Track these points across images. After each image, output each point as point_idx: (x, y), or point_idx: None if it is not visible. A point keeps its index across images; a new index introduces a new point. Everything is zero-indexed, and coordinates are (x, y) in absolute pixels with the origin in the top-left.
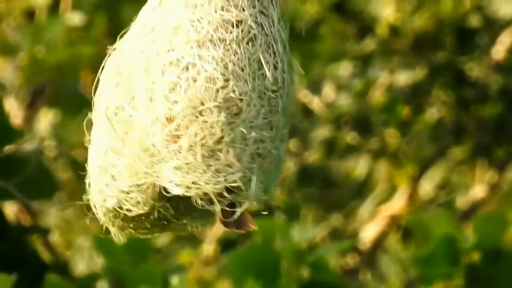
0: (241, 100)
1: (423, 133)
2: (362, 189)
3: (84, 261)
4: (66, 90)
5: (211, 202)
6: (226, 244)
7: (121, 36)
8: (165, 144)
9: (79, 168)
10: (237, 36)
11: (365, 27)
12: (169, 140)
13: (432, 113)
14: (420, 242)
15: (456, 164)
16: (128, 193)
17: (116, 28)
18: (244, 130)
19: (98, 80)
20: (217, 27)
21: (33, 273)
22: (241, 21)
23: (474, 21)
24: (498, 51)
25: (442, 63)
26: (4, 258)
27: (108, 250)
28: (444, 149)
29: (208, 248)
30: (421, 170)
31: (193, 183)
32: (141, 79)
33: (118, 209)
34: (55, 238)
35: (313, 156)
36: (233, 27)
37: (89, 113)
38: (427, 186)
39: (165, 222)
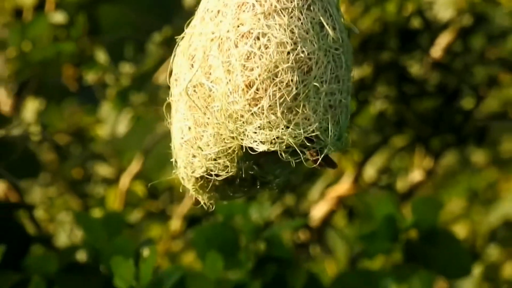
0: (309, 59)
1: (368, 124)
2: (313, 173)
3: (66, 234)
4: (50, 81)
5: (293, 154)
6: (191, 221)
7: (187, 26)
8: (247, 108)
9: (61, 151)
10: (297, 4)
11: None
12: (251, 104)
13: (376, 106)
14: (364, 220)
15: (396, 151)
16: (215, 160)
17: (94, 26)
18: (316, 85)
19: (172, 69)
20: None
21: (19, 245)
22: None
23: (416, 23)
24: (436, 51)
25: (386, 61)
26: None
27: (87, 225)
28: (386, 138)
29: (176, 224)
30: (366, 156)
31: (276, 138)
32: (216, 56)
33: (207, 177)
34: (39, 213)
35: None
36: None
37: (167, 98)
38: (371, 171)
39: (245, 188)
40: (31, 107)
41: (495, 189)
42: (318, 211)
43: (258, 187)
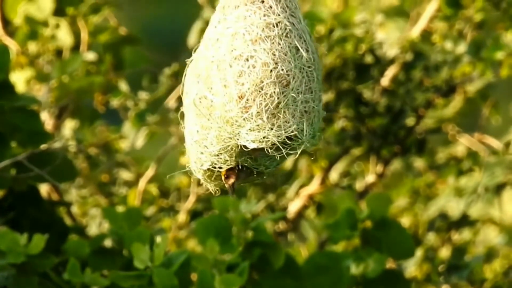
0: (288, 75)
1: (332, 138)
2: (289, 176)
3: (96, 225)
4: (84, 106)
5: (277, 149)
6: (194, 214)
7: (194, 51)
8: (240, 114)
9: (92, 160)
10: (278, 33)
11: None
12: (243, 111)
13: (338, 124)
14: (329, 213)
15: (355, 159)
16: (218, 155)
17: (118, 63)
18: (294, 95)
19: (183, 84)
20: (263, 28)
21: (59, 234)
22: (279, 22)
23: (368, 59)
24: (385, 80)
25: (346, 89)
26: (39, 223)
27: (112, 218)
28: (347, 149)
29: (182, 217)
30: (331, 163)
31: (263, 138)
32: (215, 74)
33: (212, 169)
34: (75, 209)
35: None
36: (274, 27)
37: (181, 108)
38: (335, 174)
39: (244, 177)
40: (69, 126)
41: (432, 189)
42: (294, 206)
43: (254, 176)
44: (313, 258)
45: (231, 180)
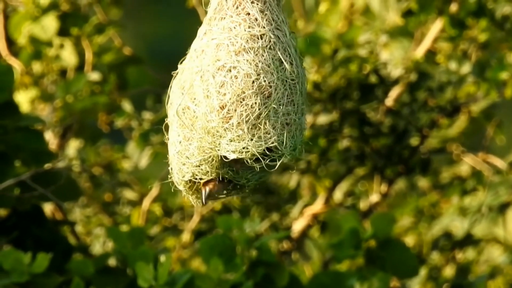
0: (270, 86)
1: (336, 157)
2: (293, 195)
3: (100, 244)
4: (88, 126)
5: (257, 160)
6: (198, 234)
7: (181, 63)
8: (221, 124)
9: (95, 180)
10: (262, 44)
11: None
12: (224, 121)
13: (343, 144)
14: (334, 232)
15: (359, 178)
16: (199, 166)
17: (122, 83)
18: (275, 106)
19: (169, 96)
20: (247, 40)
21: (63, 253)
22: (264, 34)
23: (373, 79)
24: (389, 100)
25: (350, 109)
26: (43, 242)
27: (116, 237)
28: (351, 169)
29: (186, 236)
30: (335, 183)
31: (243, 148)
32: (199, 85)
33: (194, 180)
34: (79, 228)
35: None
36: (258, 39)
37: (165, 119)
38: (339, 194)
39: (226, 190)
40: (73, 146)
41: (436, 208)
42: (298, 226)
43: (237, 189)
44: (317, 278)
45: (207, 188)
